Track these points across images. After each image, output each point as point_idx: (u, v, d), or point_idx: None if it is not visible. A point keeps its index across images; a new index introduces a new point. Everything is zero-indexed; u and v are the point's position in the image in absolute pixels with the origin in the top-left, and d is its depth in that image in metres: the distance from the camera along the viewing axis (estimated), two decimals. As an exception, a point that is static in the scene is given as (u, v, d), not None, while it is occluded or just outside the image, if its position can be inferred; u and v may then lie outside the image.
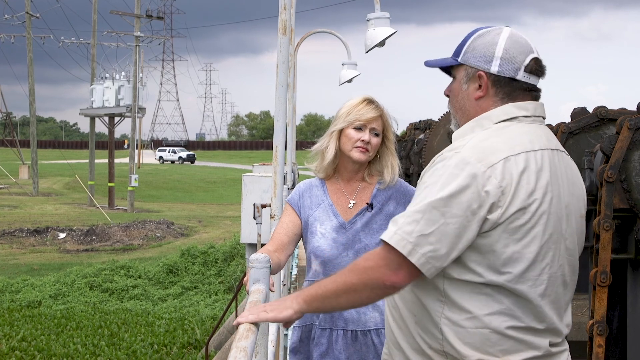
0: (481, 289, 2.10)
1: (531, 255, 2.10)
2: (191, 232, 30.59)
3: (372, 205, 3.31)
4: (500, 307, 2.10)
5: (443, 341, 2.14)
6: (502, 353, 2.12)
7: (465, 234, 2.05)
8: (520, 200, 2.08)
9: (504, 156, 2.10)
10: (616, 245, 4.79)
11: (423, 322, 2.18)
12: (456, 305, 2.12)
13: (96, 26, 45.72)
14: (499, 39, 2.23)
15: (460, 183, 2.05)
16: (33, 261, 25.30)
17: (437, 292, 2.14)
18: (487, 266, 2.09)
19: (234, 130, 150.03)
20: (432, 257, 2.05)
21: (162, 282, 21.46)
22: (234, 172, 58.84)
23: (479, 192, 2.05)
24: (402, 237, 2.06)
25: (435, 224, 2.04)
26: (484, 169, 2.07)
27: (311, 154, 3.42)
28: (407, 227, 2.06)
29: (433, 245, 2.04)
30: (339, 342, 3.28)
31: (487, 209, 2.06)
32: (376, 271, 2.08)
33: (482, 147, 2.12)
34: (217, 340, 13.08)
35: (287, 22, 4.10)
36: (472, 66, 2.25)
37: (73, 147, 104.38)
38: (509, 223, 2.08)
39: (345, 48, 11.18)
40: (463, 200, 2.05)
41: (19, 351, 13.36)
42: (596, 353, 4.62)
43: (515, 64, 2.21)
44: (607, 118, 5.58)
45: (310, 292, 2.19)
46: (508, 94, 2.23)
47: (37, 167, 45.16)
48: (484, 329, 2.10)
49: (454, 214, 2.04)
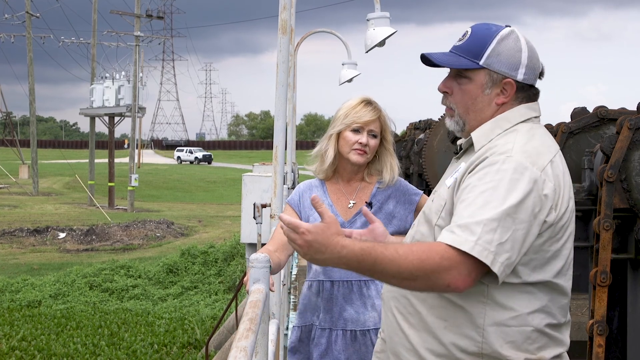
0: (524, 287, 2.14)
1: (567, 252, 2.19)
2: (191, 231, 30.60)
3: (371, 204, 3.32)
4: (541, 305, 2.15)
5: (482, 343, 2.14)
6: (537, 350, 2.17)
7: (529, 238, 2.09)
8: (566, 200, 2.16)
9: (549, 159, 2.15)
10: (616, 245, 4.79)
11: (458, 326, 2.17)
12: (500, 305, 2.14)
13: (96, 26, 45.74)
14: (521, 45, 2.24)
15: (525, 188, 2.07)
16: (33, 261, 25.31)
17: (478, 294, 2.14)
18: (533, 267, 2.13)
19: (234, 130, 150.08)
20: (508, 265, 2.07)
21: (162, 281, 21.46)
22: (234, 172, 58.85)
23: (540, 197, 2.09)
24: (484, 247, 2.03)
25: (508, 232, 2.05)
26: (539, 172, 2.11)
27: (311, 157, 3.43)
28: (487, 236, 2.03)
29: (509, 253, 2.05)
30: (339, 342, 3.28)
31: (546, 212, 2.10)
32: (446, 272, 2.04)
33: (529, 151, 2.15)
34: (217, 340, 13.08)
35: (287, 22, 4.10)
36: (497, 72, 2.23)
37: (73, 147, 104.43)
38: (556, 223, 2.14)
39: (346, 48, 11.17)
40: (528, 206, 2.07)
41: (19, 351, 13.36)
42: (596, 353, 4.62)
43: (536, 72, 2.26)
44: (607, 118, 5.58)
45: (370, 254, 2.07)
46: (525, 99, 2.27)
47: (37, 167, 45.17)
48: (527, 327, 2.15)
49: (521, 219, 2.06)
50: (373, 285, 3.31)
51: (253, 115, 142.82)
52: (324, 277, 3.33)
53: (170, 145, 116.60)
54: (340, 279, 3.30)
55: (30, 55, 45.49)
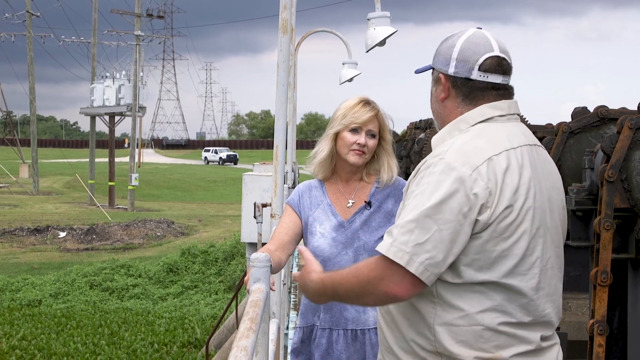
0: (473, 287, 2.14)
1: (520, 251, 2.14)
2: (191, 231, 30.61)
3: (370, 204, 3.32)
4: (492, 304, 2.14)
5: (435, 342, 2.17)
6: (495, 349, 2.15)
7: (459, 238, 2.09)
8: (507, 199, 2.12)
9: (487, 157, 2.14)
10: (617, 244, 4.79)
11: (416, 325, 2.21)
12: (449, 305, 2.16)
13: (97, 25, 45.75)
14: (457, 41, 2.29)
15: (448, 188, 2.09)
16: (33, 260, 25.32)
17: (429, 294, 2.18)
18: (478, 267, 2.13)
19: (234, 129, 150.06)
20: (430, 265, 2.08)
21: (163, 281, 21.47)
22: (234, 171, 58.87)
23: (468, 195, 2.09)
24: (398, 249, 2.09)
25: (429, 232, 2.08)
26: (469, 172, 2.11)
27: (310, 157, 3.43)
28: (402, 238, 2.09)
29: (430, 253, 2.08)
30: (340, 342, 3.29)
31: (477, 211, 2.10)
32: (380, 282, 2.13)
33: (465, 150, 2.16)
34: (217, 340, 13.09)
35: (287, 22, 4.10)
36: (437, 69, 2.33)
37: (73, 146, 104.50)
38: (498, 222, 2.11)
39: (346, 47, 11.18)
40: (453, 205, 2.08)
41: (19, 350, 13.37)
42: (597, 353, 4.62)
43: (469, 64, 2.26)
44: (607, 117, 5.58)
45: (326, 282, 2.31)
46: (467, 94, 2.28)
47: (37, 166, 45.18)
48: (477, 326, 2.14)
49: (446, 219, 2.08)
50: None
51: (253, 115, 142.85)
52: (323, 277, 3.33)
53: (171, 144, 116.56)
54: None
55: (31, 54, 45.51)
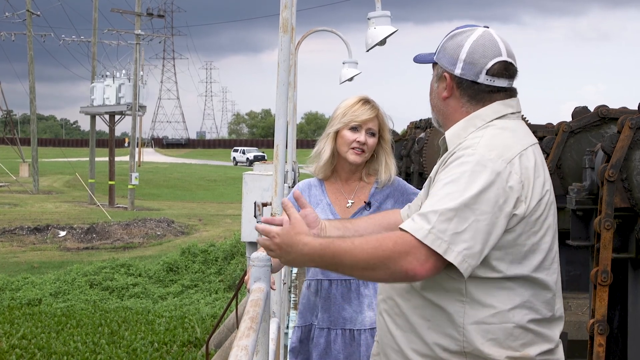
0: (503, 283, 2.14)
1: (546, 245, 2.18)
2: (191, 230, 30.60)
3: (369, 204, 3.32)
4: (522, 300, 2.15)
5: (464, 342, 2.15)
6: (522, 347, 2.16)
7: (495, 230, 2.09)
8: (538, 193, 2.16)
9: (518, 151, 2.17)
10: (617, 244, 4.79)
11: (439, 326, 2.18)
12: (479, 303, 2.14)
13: (97, 24, 45.73)
14: (465, 42, 2.28)
15: (486, 180, 2.09)
16: (33, 259, 25.31)
17: (456, 293, 2.15)
18: (509, 261, 2.14)
19: (234, 128, 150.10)
20: (468, 255, 2.06)
21: (163, 280, 21.47)
22: (234, 171, 58.87)
23: (504, 188, 2.10)
24: (437, 236, 2.05)
25: (467, 222, 2.06)
26: (504, 165, 2.12)
27: (311, 156, 3.43)
28: (441, 225, 2.05)
29: (467, 243, 2.06)
30: (338, 342, 3.28)
31: (512, 204, 2.11)
32: (402, 259, 2.04)
33: (496, 144, 2.17)
34: (218, 339, 13.09)
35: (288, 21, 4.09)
36: (441, 66, 2.33)
37: (73, 145, 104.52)
38: (530, 216, 2.14)
39: (346, 46, 11.17)
40: (490, 197, 2.08)
41: (19, 349, 13.36)
42: (597, 352, 4.62)
43: (477, 68, 2.26)
44: (608, 117, 5.58)
45: (329, 247, 2.11)
46: (472, 96, 2.28)
47: (37, 165, 45.18)
48: (508, 324, 2.14)
49: (483, 210, 2.07)
50: (371, 284, 3.30)
51: (253, 114, 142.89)
52: (322, 277, 3.33)
53: (171, 143, 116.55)
54: (339, 278, 3.29)
55: (31, 53, 45.50)
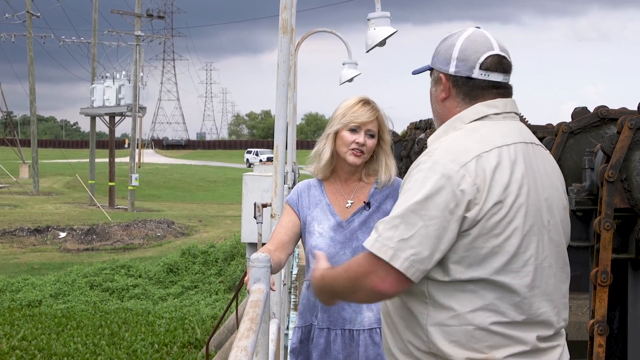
0: (464, 286, 2.13)
1: (512, 248, 2.13)
2: (191, 231, 30.60)
3: (369, 204, 3.33)
4: (484, 303, 2.13)
5: (429, 342, 2.17)
6: (488, 349, 2.14)
7: (446, 235, 2.09)
8: (496, 195, 2.12)
9: (476, 154, 2.14)
10: (617, 245, 4.79)
11: (411, 326, 2.22)
12: (440, 305, 2.15)
13: (97, 25, 45.74)
14: (457, 41, 2.29)
15: (434, 184, 2.10)
16: (33, 260, 25.32)
17: (421, 295, 2.18)
18: (467, 264, 2.12)
19: (234, 129, 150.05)
20: (415, 260, 2.08)
21: (163, 281, 21.47)
22: (234, 172, 58.87)
23: (454, 192, 2.09)
24: (382, 244, 2.10)
25: (414, 228, 2.09)
26: (457, 168, 2.11)
27: (310, 157, 3.44)
28: (387, 233, 2.10)
29: (415, 249, 2.08)
30: (337, 342, 3.29)
31: (464, 207, 2.09)
32: (366, 278, 2.13)
33: (454, 148, 2.17)
34: (218, 340, 13.09)
35: (287, 22, 4.10)
36: (436, 69, 2.34)
37: (73, 147, 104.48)
38: (487, 219, 2.11)
39: (346, 47, 11.18)
40: (439, 201, 2.09)
41: (20, 350, 13.37)
42: (597, 353, 4.62)
43: (470, 63, 2.26)
44: (608, 118, 5.58)
45: (325, 277, 2.36)
46: (468, 93, 2.28)
47: (37, 167, 45.18)
48: (468, 326, 2.13)
49: (432, 215, 2.08)
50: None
51: (253, 115, 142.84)
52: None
53: (171, 144, 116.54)
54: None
55: (31, 54, 45.50)
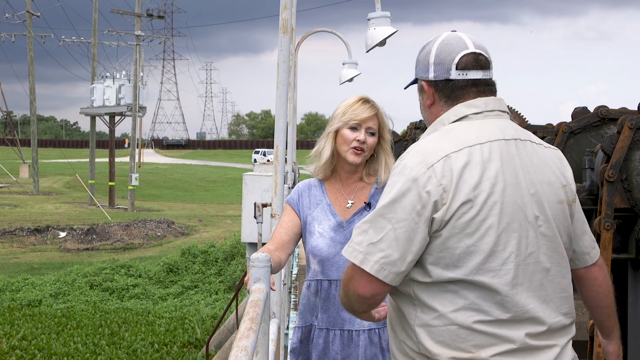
0: (446, 286, 2.15)
1: (487, 246, 2.13)
2: (191, 231, 30.61)
3: (369, 205, 3.32)
4: (465, 303, 2.14)
5: (418, 343, 2.21)
6: (474, 348, 2.14)
7: (416, 236, 2.12)
8: (464, 194, 2.12)
9: (443, 155, 2.16)
10: (617, 244, 4.80)
11: (404, 327, 2.26)
12: (426, 306, 2.18)
13: (97, 25, 45.75)
14: (433, 47, 2.32)
15: (400, 188, 2.13)
16: (33, 260, 25.32)
17: (409, 296, 2.22)
18: (444, 265, 2.14)
19: (234, 129, 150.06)
20: (386, 263, 2.12)
21: (163, 281, 21.48)
22: (234, 171, 58.88)
23: (420, 194, 2.12)
24: (353, 249, 2.17)
25: (382, 231, 2.13)
26: (423, 170, 2.14)
27: (310, 156, 3.43)
28: (357, 238, 2.17)
29: (384, 252, 2.12)
30: (336, 343, 3.29)
31: (431, 208, 2.12)
32: (350, 283, 2.20)
33: (424, 150, 2.19)
34: (218, 340, 13.10)
35: (288, 22, 4.10)
36: (420, 78, 2.37)
37: (73, 146, 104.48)
38: (457, 219, 2.11)
39: (346, 47, 11.18)
40: (406, 204, 2.12)
41: (20, 350, 13.37)
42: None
43: (446, 65, 2.29)
44: (608, 118, 5.58)
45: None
46: (449, 95, 2.30)
47: (37, 166, 45.18)
48: (452, 326, 2.15)
49: (399, 218, 2.12)
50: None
51: (253, 115, 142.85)
52: (322, 277, 3.33)
53: (171, 144, 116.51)
54: (338, 278, 3.29)
55: (31, 54, 45.51)
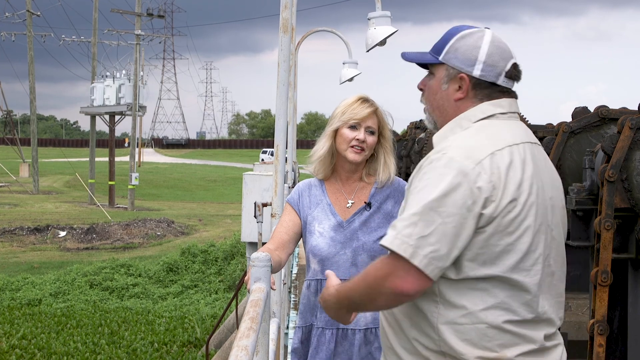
0: (476, 284, 2.13)
1: (524, 246, 2.14)
2: (191, 230, 30.62)
3: (370, 205, 3.32)
4: (496, 301, 2.14)
5: (440, 341, 2.16)
6: (499, 347, 2.14)
7: (463, 232, 2.09)
8: (511, 193, 2.13)
9: (490, 151, 2.15)
10: (617, 244, 4.79)
11: (419, 325, 2.21)
12: (451, 304, 2.15)
13: (97, 24, 45.73)
14: (482, 43, 2.28)
15: (452, 181, 2.09)
16: (33, 259, 25.32)
17: (431, 293, 2.17)
18: (481, 262, 2.13)
19: (234, 128, 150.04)
20: (434, 258, 2.07)
21: (162, 280, 21.48)
22: (234, 171, 58.88)
23: (472, 189, 2.09)
24: (402, 241, 2.08)
25: (433, 225, 2.07)
26: (472, 165, 2.12)
27: (310, 156, 3.43)
28: (406, 231, 2.08)
29: (433, 246, 2.07)
30: (332, 342, 3.29)
31: (481, 204, 2.10)
32: (386, 280, 2.10)
33: (468, 145, 2.17)
34: (218, 339, 13.09)
35: (288, 21, 4.10)
36: (454, 67, 2.30)
37: (73, 146, 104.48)
38: (502, 217, 2.12)
39: (346, 47, 11.18)
40: (457, 198, 2.08)
41: (19, 349, 13.37)
42: (597, 352, 4.62)
43: (497, 70, 2.27)
44: (608, 117, 5.58)
45: (340, 291, 2.31)
46: (487, 96, 2.29)
47: (37, 165, 45.18)
48: (481, 324, 2.13)
49: (450, 212, 2.08)
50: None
51: (253, 114, 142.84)
52: (322, 276, 3.33)
53: (171, 144, 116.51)
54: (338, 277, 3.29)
55: (31, 53, 45.50)
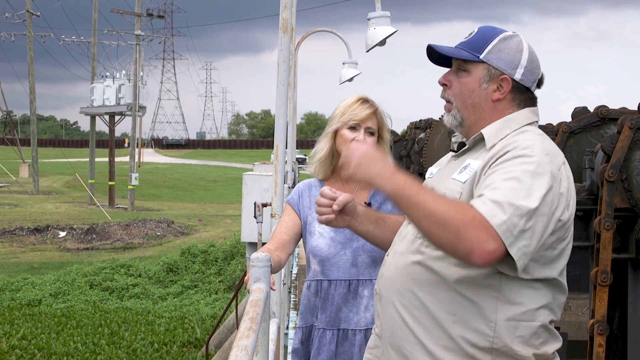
0: (532, 283, 2.18)
1: (569, 252, 2.24)
2: (191, 231, 30.62)
3: (370, 205, 3.32)
4: (546, 301, 2.21)
5: (494, 338, 2.17)
6: (542, 345, 2.22)
7: (546, 232, 2.13)
8: (574, 201, 2.22)
9: (563, 159, 2.23)
10: (617, 244, 4.79)
11: (467, 321, 2.19)
12: (510, 301, 2.18)
13: (97, 25, 45.74)
14: (523, 47, 2.31)
15: (548, 183, 2.12)
16: (33, 260, 25.32)
17: (491, 289, 2.17)
18: (542, 263, 2.18)
19: (234, 129, 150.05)
20: (525, 253, 2.09)
21: (162, 280, 21.49)
22: (234, 171, 58.87)
23: (557, 194, 2.15)
24: (508, 228, 2.05)
25: (531, 222, 2.09)
26: (556, 170, 2.17)
27: (310, 156, 3.43)
28: (515, 219, 2.06)
29: (528, 241, 2.09)
30: (333, 342, 3.29)
31: (562, 210, 2.16)
32: (473, 233, 2.03)
33: (548, 149, 2.21)
34: (217, 339, 13.09)
35: (288, 21, 4.10)
36: (496, 67, 2.29)
37: (73, 146, 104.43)
38: (567, 222, 2.19)
39: (346, 47, 11.17)
40: (548, 201, 2.12)
41: (19, 350, 13.37)
42: (597, 353, 4.61)
43: (534, 76, 2.31)
44: (608, 117, 5.57)
45: (415, 184, 2.14)
46: (523, 102, 2.32)
47: (37, 166, 45.18)
48: (534, 323, 2.20)
49: (542, 212, 2.10)
50: (370, 284, 3.30)
51: (253, 114, 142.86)
52: (322, 277, 3.33)
53: (171, 144, 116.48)
54: (338, 278, 3.30)
55: (31, 54, 45.49)
